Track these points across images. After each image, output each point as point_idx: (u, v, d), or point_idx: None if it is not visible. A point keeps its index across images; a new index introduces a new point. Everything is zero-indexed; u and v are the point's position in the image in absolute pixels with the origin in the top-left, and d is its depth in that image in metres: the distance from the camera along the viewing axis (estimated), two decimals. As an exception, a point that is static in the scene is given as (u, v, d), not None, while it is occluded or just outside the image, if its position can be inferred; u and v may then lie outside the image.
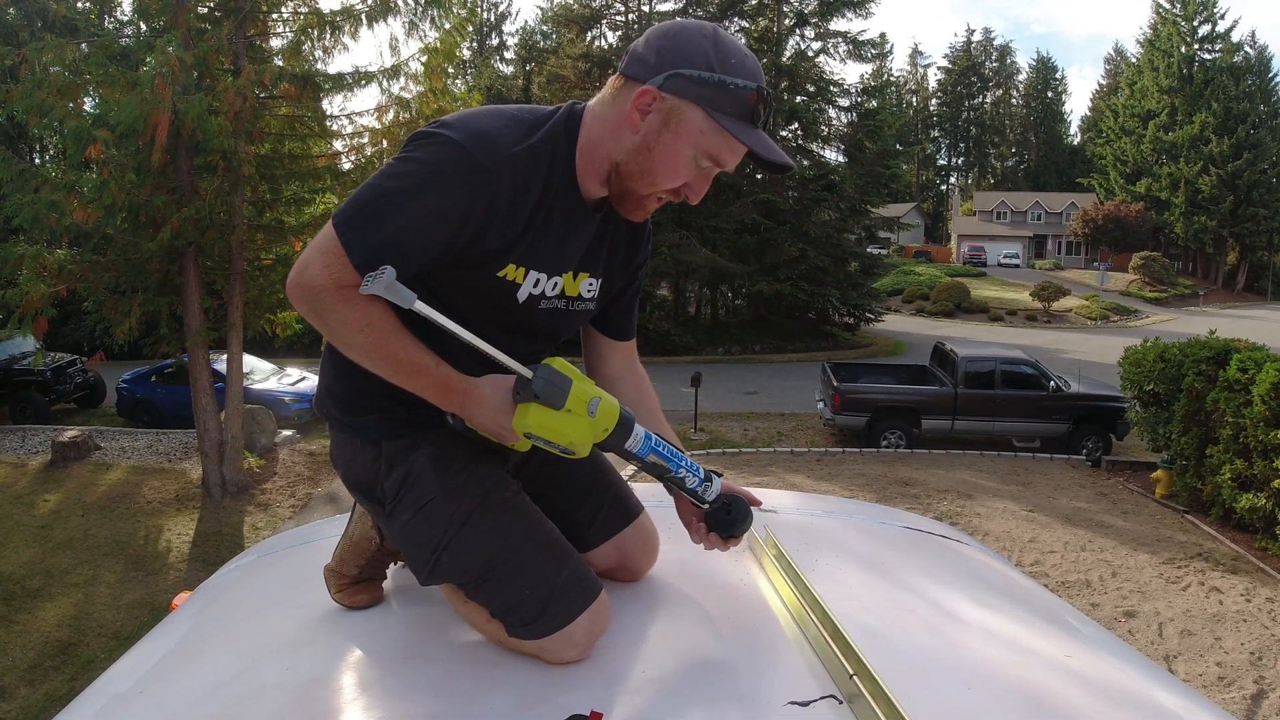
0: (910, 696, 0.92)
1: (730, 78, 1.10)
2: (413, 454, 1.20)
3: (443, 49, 10.70)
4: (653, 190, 1.18)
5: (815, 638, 1.12)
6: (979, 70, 73.99)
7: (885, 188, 29.15)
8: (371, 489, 1.24)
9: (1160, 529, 9.38)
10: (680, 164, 1.14)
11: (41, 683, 6.97)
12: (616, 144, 1.16)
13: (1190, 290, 42.59)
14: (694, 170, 1.16)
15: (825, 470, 11.81)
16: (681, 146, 1.13)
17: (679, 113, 1.11)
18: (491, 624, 1.18)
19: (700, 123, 1.11)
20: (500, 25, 54.08)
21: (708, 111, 1.11)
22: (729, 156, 1.15)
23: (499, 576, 1.16)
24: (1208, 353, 9.83)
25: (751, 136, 1.12)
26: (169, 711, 1.13)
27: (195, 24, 10.05)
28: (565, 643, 1.12)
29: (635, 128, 1.14)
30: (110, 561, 9.15)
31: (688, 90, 1.10)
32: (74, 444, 12.19)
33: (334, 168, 11.33)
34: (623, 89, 1.16)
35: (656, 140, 1.13)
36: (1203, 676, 6.08)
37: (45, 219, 9.40)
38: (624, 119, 1.14)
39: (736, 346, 25.37)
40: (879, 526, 1.77)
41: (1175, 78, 45.93)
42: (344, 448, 1.26)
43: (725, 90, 1.10)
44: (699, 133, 1.12)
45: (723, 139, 1.12)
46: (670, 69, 1.11)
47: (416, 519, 1.19)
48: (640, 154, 1.15)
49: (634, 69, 1.14)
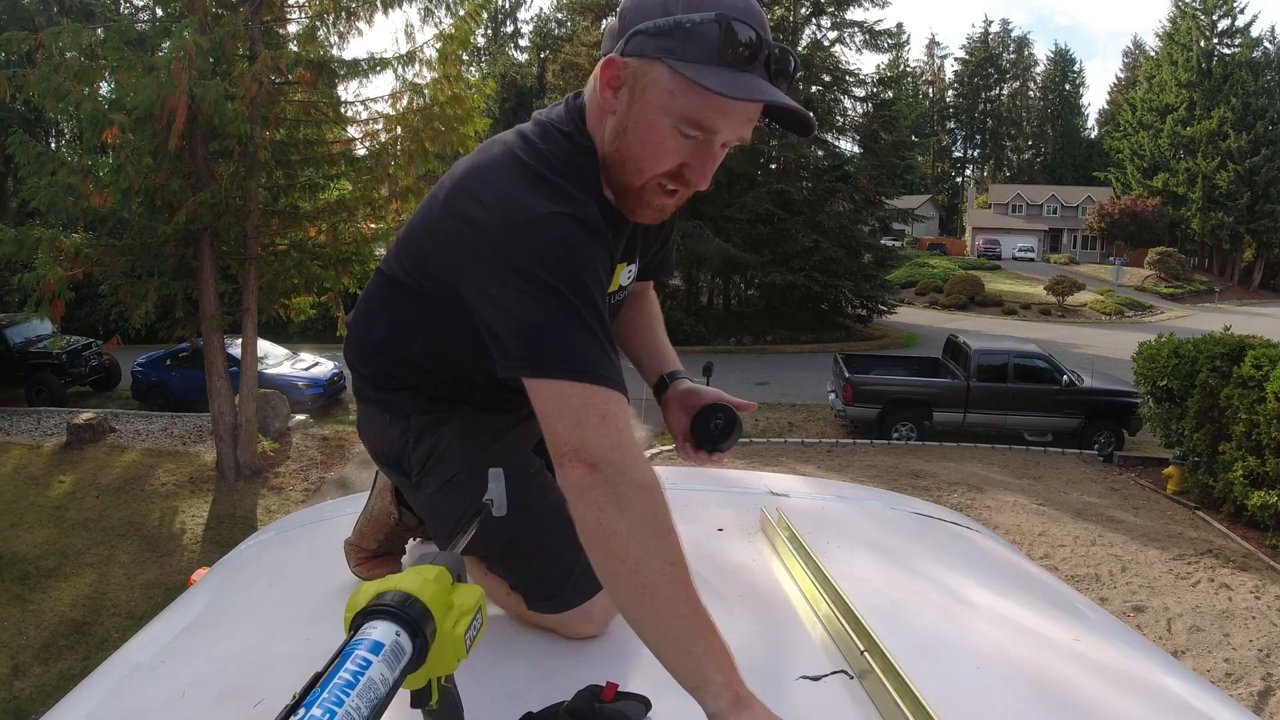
0: (920, 673, 0.93)
1: (690, 16, 0.91)
2: (440, 428, 1.20)
3: (457, 35, 10.68)
4: (643, 178, 1.01)
5: (827, 616, 1.13)
6: (996, 62, 73.42)
7: (900, 179, 28.95)
8: (399, 461, 1.24)
9: (1171, 525, 9.35)
10: (660, 138, 0.97)
11: (56, 661, 7.06)
12: (601, 135, 1.02)
13: (1206, 286, 42.24)
14: (682, 144, 0.97)
15: (836, 461, 11.81)
16: (655, 115, 0.95)
17: (643, 77, 0.95)
18: (511, 597, 1.19)
19: (666, 81, 0.93)
20: (515, 12, 53.92)
21: (669, 64, 0.92)
22: (715, 116, 0.95)
23: (522, 551, 1.17)
24: (1222, 349, 9.76)
25: (722, 79, 0.90)
26: (189, 681, 1.15)
27: (212, 9, 10.07)
28: (583, 618, 1.14)
29: (611, 108, 0.99)
30: (124, 543, 9.25)
31: (647, 46, 0.93)
32: (89, 426, 12.29)
33: (349, 153, 11.37)
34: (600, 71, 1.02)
35: (628, 115, 0.98)
36: (1211, 672, 6.08)
37: (62, 202, 9.47)
38: (601, 103, 1.01)
39: (749, 337, 25.32)
40: (890, 511, 1.78)
41: (1194, 72, 45.45)
42: (374, 421, 1.26)
43: (684, 32, 0.91)
44: (668, 94, 0.94)
45: (696, 94, 0.92)
46: (630, 29, 0.95)
47: (442, 491, 1.20)
48: (618, 137, 1.00)
49: (606, 44, 1.00)
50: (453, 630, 0.76)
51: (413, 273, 1.12)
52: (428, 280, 1.09)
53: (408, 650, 0.71)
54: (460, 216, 0.99)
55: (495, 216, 0.95)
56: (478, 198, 0.98)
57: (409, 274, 1.12)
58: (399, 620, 0.71)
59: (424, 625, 0.72)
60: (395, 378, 1.22)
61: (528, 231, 0.93)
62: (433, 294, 1.09)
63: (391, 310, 1.18)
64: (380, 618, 0.71)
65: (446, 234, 1.01)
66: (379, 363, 1.22)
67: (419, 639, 0.72)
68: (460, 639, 0.76)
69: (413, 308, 1.14)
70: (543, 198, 0.95)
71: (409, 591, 0.74)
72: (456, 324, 1.06)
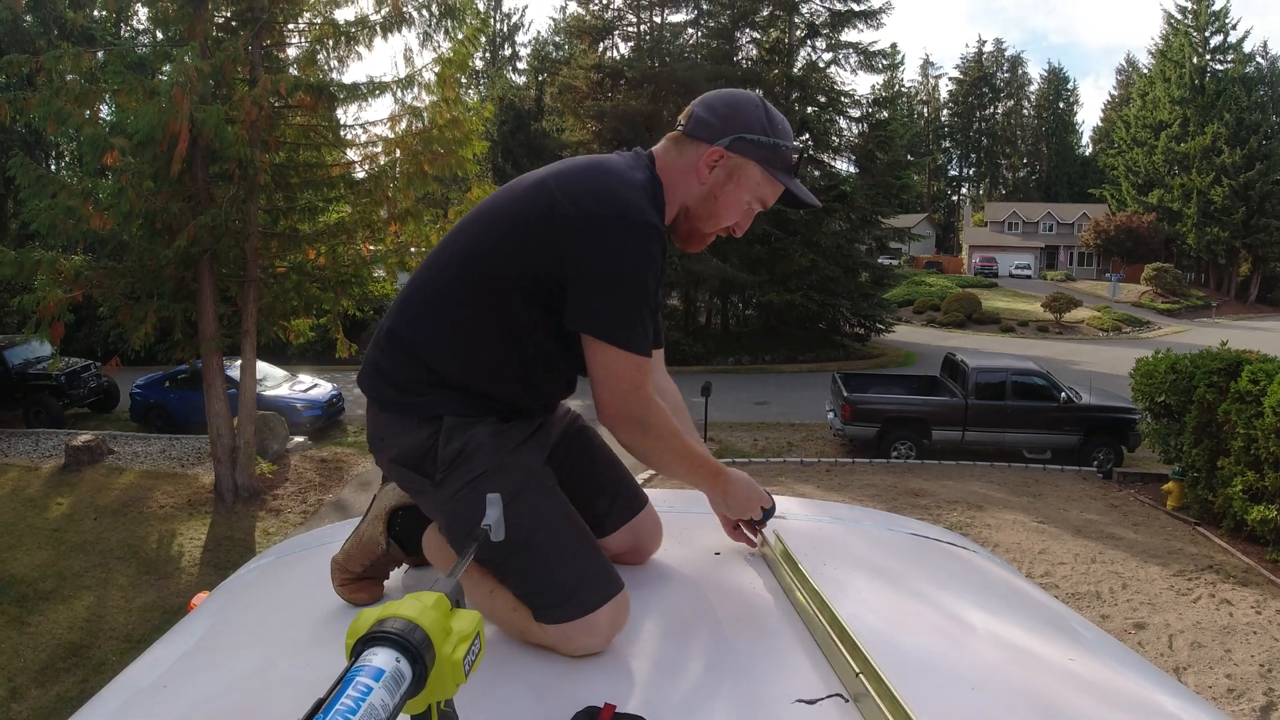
0: (915, 696, 0.94)
1: (781, 141, 1.38)
2: (472, 429, 1.29)
3: (456, 59, 10.77)
4: (713, 226, 1.43)
5: (823, 638, 1.14)
6: (990, 81, 73.90)
7: (896, 198, 29.07)
8: (421, 461, 1.29)
9: (1171, 541, 9.34)
10: (739, 207, 1.41)
11: (53, 684, 7.02)
12: (686, 191, 1.39)
13: (1203, 302, 42.32)
14: (745, 211, 1.42)
15: (835, 480, 11.80)
16: (742, 194, 1.39)
17: (742, 168, 1.38)
18: (516, 613, 1.22)
19: (758, 176, 1.38)
20: (513, 36, 54.37)
21: (765, 168, 1.38)
22: (772, 199, 1.43)
23: (537, 555, 1.22)
24: (1219, 364, 9.79)
25: (794, 185, 1.41)
26: (192, 704, 1.16)
27: (213, 34, 10.16)
28: (588, 629, 1.16)
29: (704, 179, 1.38)
30: (122, 565, 9.22)
31: (748, 150, 1.36)
32: (87, 448, 12.27)
33: (348, 176, 11.43)
34: (688, 146, 1.38)
35: (722, 189, 1.39)
36: (1212, 688, 6.06)
37: (62, 225, 9.50)
38: (693, 171, 1.38)
39: (747, 356, 25.34)
40: (886, 532, 1.79)
41: (1187, 88, 45.72)
42: (396, 425, 1.32)
43: (777, 151, 1.38)
44: (756, 183, 1.39)
45: (772, 187, 1.40)
46: (734, 133, 1.36)
47: (466, 489, 1.25)
48: (708, 200, 1.40)
49: (699, 130, 1.37)
50: (452, 655, 0.77)
51: (493, 265, 1.28)
52: (515, 269, 1.27)
53: (408, 676, 0.73)
54: (583, 209, 1.25)
55: (616, 212, 1.24)
56: (598, 197, 1.26)
57: (489, 265, 1.29)
58: (399, 647, 0.73)
59: (424, 652, 0.74)
60: (437, 376, 1.30)
61: (637, 231, 1.24)
62: (512, 284, 1.27)
63: (461, 306, 1.31)
64: (381, 644, 0.73)
65: (557, 222, 1.25)
66: (415, 365, 1.30)
67: (419, 665, 0.74)
68: (459, 664, 0.78)
69: (486, 303, 1.29)
70: (647, 211, 1.27)
71: (409, 618, 0.76)
72: (524, 317, 1.29)
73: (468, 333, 1.30)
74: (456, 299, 1.30)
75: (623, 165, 1.33)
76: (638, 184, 1.30)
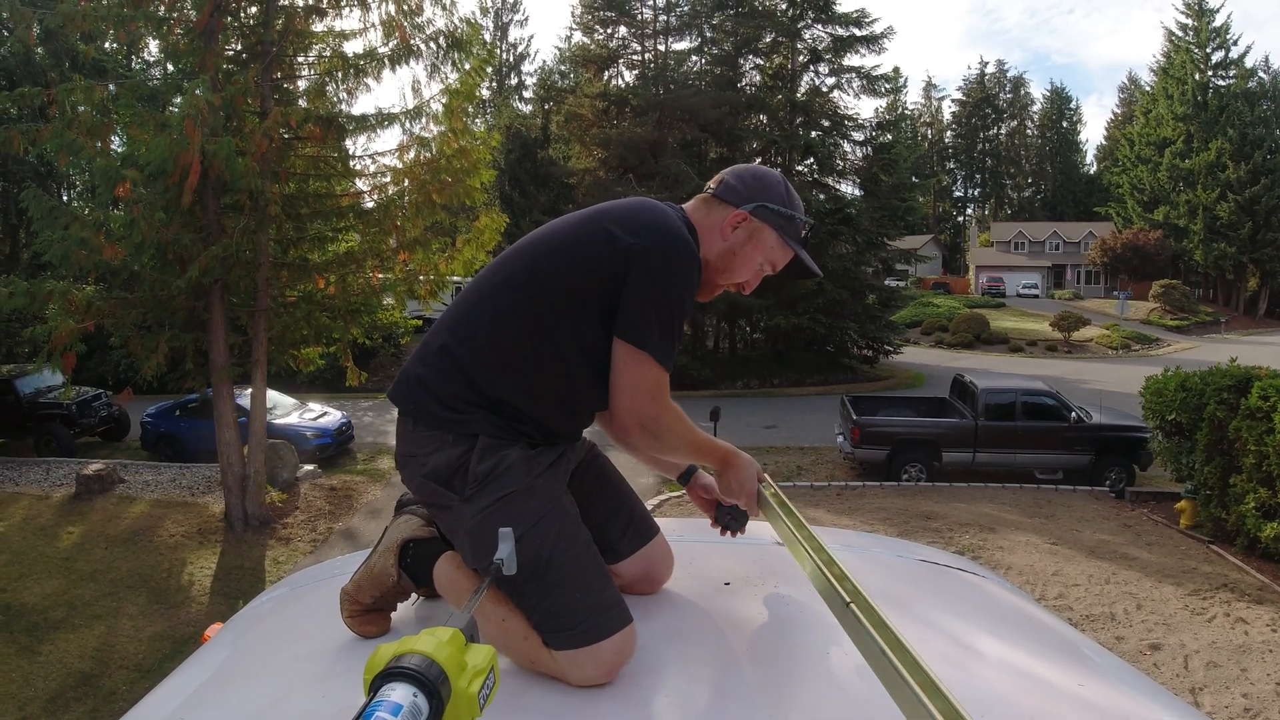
0: (924, 723, 0.94)
1: (798, 214, 1.56)
2: (505, 450, 1.36)
3: (463, 90, 10.89)
4: (727, 282, 1.57)
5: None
6: (993, 102, 74.20)
7: (902, 220, 29.15)
8: (451, 476, 1.35)
9: (1185, 560, 9.27)
10: (752, 267, 1.55)
11: (63, 713, 7.01)
12: (709, 245, 1.53)
13: (1211, 317, 42.16)
14: (757, 271, 1.57)
15: (845, 504, 11.76)
16: (758, 255, 1.54)
17: (760, 232, 1.53)
18: (527, 641, 1.24)
19: (774, 241, 1.54)
20: (519, 65, 54.85)
21: (780, 234, 1.54)
22: (782, 263, 1.58)
23: (555, 578, 1.26)
24: (1229, 381, 9.75)
25: (802, 254, 1.58)
26: (208, 738, 1.17)
27: (223, 67, 10.29)
28: (595, 658, 1.18)
29: (726, 237, 1.53)
30: (133, 594, 9.23)
31: (769, 217, 1.53)
32: (98, 477, 12.32)
33: (357, 206, 11.53)
34: (716, 206, 1.54)
35: (741, 249, 1.53)
36: (1229, 709, 5.99)
37: (74, 256, 9.59)
38: (718, 229, 1.53)
39: (755, 380, 25.33)
40: (896, 559, 1.80)
41: (1190, 105, 45.84)
42: (431, 442, 1.38)
43: (793, 222, 1.55)
44: (770, 247, 1.54)
45: (784, 253, 1.56)
46: (759, 200, 1.52)
47: (495, 506, 1.31)
48: (726, 256, 1.54)
49: (728, 194, 1.54)
50: (467, 690, 0.79)
51: (552, 289, 1.39)
52: (575, 293, 1.38)
53: (424, 711, 0.74)
54: (642, 239, 1.39)
55: (670, 243, 1.39)
56: (656, 228, 1.40)
57: (547, 290, 1.39)
58: (416, 682, 0.75)
59: (440, 686, 0.76)
60: (483, 396, 1.38)
61: (688, 258, 1.41)
62: (568, 309, 1.38)
63: (517, 328, 1.39)
64: (399, 680, 0.75)
65: (620, 250, 1.38)
66: (465, 383, 1.37)
67: (435, 700, 0.75)
68: (474, 698, 0.80)
69: (540, 325, 1.39)
70: (692, 244, 1.44)
71: (425, 654, 0.78)
72: (575, 341, 1.39)
73: (519, 354, 1.38)
74: (513, 322, 1.39)
75: (665, 207, 1.48)
76: (682, 222, 1.47)
